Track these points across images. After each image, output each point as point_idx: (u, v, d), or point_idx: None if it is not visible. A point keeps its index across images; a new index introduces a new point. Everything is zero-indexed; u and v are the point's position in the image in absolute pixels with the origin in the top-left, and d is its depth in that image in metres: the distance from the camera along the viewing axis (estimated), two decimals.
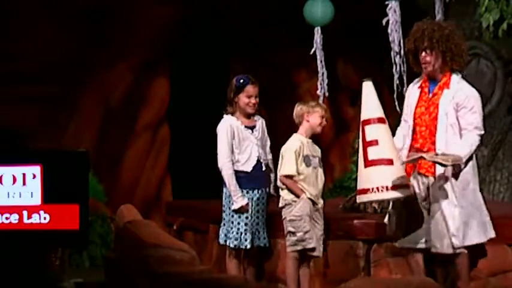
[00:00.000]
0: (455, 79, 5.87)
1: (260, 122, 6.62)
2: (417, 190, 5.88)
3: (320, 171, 6.42)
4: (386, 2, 7.55)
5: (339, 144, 10.81)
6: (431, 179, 5.83)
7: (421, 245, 5.89)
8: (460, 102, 5.79)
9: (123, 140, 10.07)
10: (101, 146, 9.80)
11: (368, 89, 6.04)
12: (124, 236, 6.49)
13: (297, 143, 6.37)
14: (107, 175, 9.69)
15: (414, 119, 5.91)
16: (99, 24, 9.70)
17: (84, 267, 8.65)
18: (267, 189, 6.57)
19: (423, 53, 5.85)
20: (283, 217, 6.38)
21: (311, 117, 6.42)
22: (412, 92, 6.01)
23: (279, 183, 6.43)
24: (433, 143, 5.80)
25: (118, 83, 10.03)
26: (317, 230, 6.34)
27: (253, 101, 6.50)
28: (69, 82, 9.64)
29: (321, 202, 6.40)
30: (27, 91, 9.34)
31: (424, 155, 5.71)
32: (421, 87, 5.96)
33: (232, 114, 6.51)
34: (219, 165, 6.47)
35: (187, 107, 10.43)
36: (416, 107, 5.92)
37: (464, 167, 5.80)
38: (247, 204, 6.43)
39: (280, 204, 6.40)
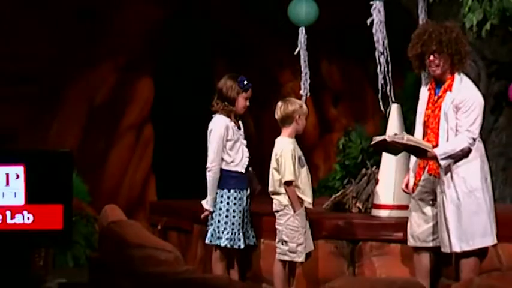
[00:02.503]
0: (458, 80, 5.88)
1: (241, 123, 6.62)
2: (427, 188, 5.94)
3: (307, 168, 6.41)
4: (371, 2, 7.56)
5: (323, 145, 10.83)
6: (438, 179, 5.87)
7: (428, 244, 5.95)
8: (459, 104, 5.82)
9: (107, 140, 10.05)
10: (85, 146, 9.78)
11: (395, 111, 6.68)
12: (108, 236, 6.47)
13: (291, 146, 6.28)
14: (90, 175, 9.67)
15: (424, 121, 5.96)
16: (84, 24, 9.68)
17: (68, 268, 8.63)
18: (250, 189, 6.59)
19: (431, 57, 5.83)
20: (277, 221, 6.32)
21: (301, 119, 6.35)
22: (423, 94, 6.04)
23: (273, 189, 6.33)
24: (438, 145, 5.84)
25: (102, 82, 10.01)
26: (307, 230, 6.35)
27: (248, 103, 6.51)
28: (53, 82, 9.61)
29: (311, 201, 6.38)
30: (11, 91, 9.31)
31: (386, 137, 5.85)
32: (429, 89, 5.98)
33: (227, 114, 6.47)
34: (209, 164, 6.44)
35: (171, 107, 10.42)
36: (426, 109, 5.96)
37: (469, 172, 5.81)
38: (210, 213, 6.45)
39: (278, 208, 6.32)
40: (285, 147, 6.27)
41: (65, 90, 9.78)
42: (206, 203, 6.50)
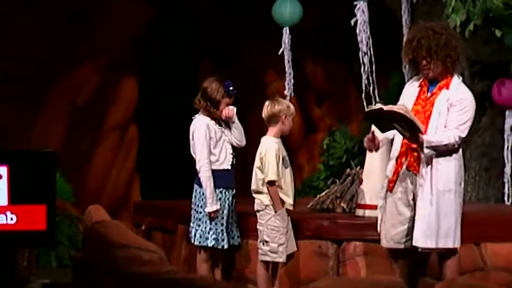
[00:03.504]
0: (456, 81, 5.89)
1: (222, 121, 6.61)
2: (406, 188, 5.93)
3: (290, 169, 6.41)
4: (355, 3, 7.59)
5: (307, 145, 10.83)
6: (416, 177, 5.88)
7: (401, 245, 5.93)
8: (454, 102, 5.82)
9: (91, 140, 10.03)
10: (69, 146, 9.75)
11: None
12: (92, 236, 6.46)
13: (275, 146, 6.28)
14: (74, 175, 9.64)
15: None
16: (68, 24, 9.65)
17: (51, 268, 8.60)
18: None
19: (423, 61, 5.84)
20: (258, 221, 6.32)
21: (287, 120, 6.34)
22: (411, 90, 6.01)
23: (256, 187, 6.32)
24: None
25: (86, 82, 9.98)
26: (289, 231, 6.34)
27: None
28: (38, 82, 9.58)
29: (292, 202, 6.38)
30: None
31: (384, 107, 5.76)
32: (420, 86, 5.97)
33: (208, 114, 6.46)
34: (198, 166, 6.42)
35: (155, 107, 10.41)
36: (413, 105, 5.93)
37: (447, 171, 5.82)
38: (218, 210, 6.42)
39: (259, 208, 6.32)
40: (269, 147, 6.27)
41: (49, 90, 9.75)
42: (210, 206, 6.41)
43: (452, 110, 5.80)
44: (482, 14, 7.04)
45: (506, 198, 8.01)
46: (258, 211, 6.33)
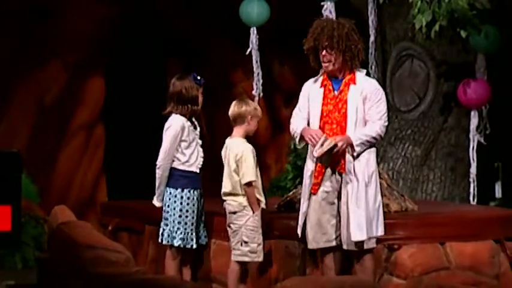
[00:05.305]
0: (360, 75, 5.97)
1: (197, 123, 6.59)
2: (331, 187, 5.96)
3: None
4: (322, 3, 7.61)
5: (275, 145, 10.85)
6: (343, 175, 5.92)
7: (332, 243, 5.98)
8: (368, 95, 5.90)
9: (57, 140, 9.97)
10: (35, 146, 9.68)
11: None
12: (57, 237, 6.42)
13: (251, 147, 6.30)
14: (40, 175, 9.57)
15: (321, 117, 5.95)
16: (34, 23, 9.59)
17: (16, 269, 8.54)
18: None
19: (324, 52, 5.91)
20: (234, 222, 6.31)
21: (253, 121, 6.35)
22: (313, 90, 6.03)
23: (231, 190, 6.31)
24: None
25: (52, 82, 9.92)
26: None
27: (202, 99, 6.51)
28: (2, 81, 9.51)
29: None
30: None
31: (314, 153, 5.87)
32: (323, 85, 6.01)
33: (189, 114, 6.42)
34: (159, 162, 6.41)
35: (123, 107, 10.36)
36: (322, 105, 5.96)
37: (368, 164, 5.90)
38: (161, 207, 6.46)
39: (236, 209, 6.32)
40: (245, 149, 6.29)
41: (14, 90, 9.67)
42: (156, 200, 6.51)
43: (369, 103, 5.88)
44: (448, 14, 7.10)
45: (471, 198, 8.07)
46: (235, 212, 6.32)
